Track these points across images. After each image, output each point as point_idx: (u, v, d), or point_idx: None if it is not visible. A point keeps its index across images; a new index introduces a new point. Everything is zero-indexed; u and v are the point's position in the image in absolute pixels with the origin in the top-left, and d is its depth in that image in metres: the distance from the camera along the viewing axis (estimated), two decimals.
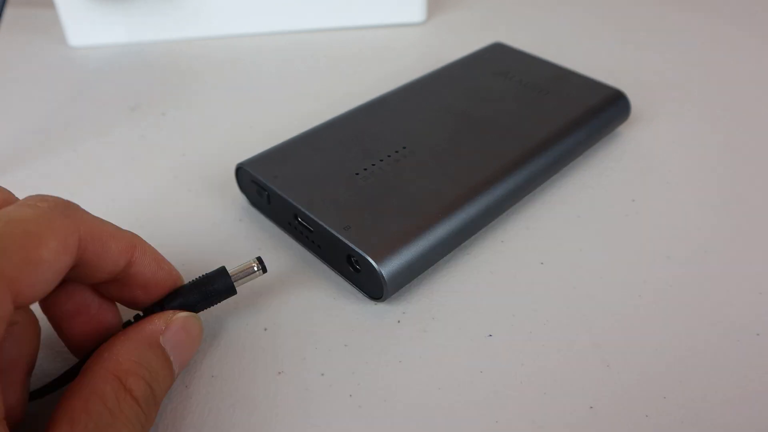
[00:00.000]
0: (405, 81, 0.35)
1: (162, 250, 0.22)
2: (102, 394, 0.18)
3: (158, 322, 0.21)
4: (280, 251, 0.28)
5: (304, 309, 0.25)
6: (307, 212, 0.25)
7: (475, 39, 0.38)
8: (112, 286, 0.21)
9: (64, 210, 0.18)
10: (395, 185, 0.27)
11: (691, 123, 0.37)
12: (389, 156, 0.28)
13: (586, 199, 0.31)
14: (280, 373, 0.22)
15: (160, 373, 0.20)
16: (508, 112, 0.32)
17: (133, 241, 0.20)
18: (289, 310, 0.25)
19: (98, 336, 0.21)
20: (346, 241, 0.24)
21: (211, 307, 0.23)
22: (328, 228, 0.25)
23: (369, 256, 0.23)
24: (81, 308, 0.21)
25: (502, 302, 0.25)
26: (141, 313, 0.22)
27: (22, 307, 0.17)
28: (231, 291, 0.23)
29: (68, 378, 0.20)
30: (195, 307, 0.22)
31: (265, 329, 0.24)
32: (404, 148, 0.29)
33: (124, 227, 0.21)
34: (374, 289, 0.24)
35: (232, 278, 0.23)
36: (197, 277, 0.23)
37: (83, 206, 0.20)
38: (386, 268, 0.23)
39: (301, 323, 0.24)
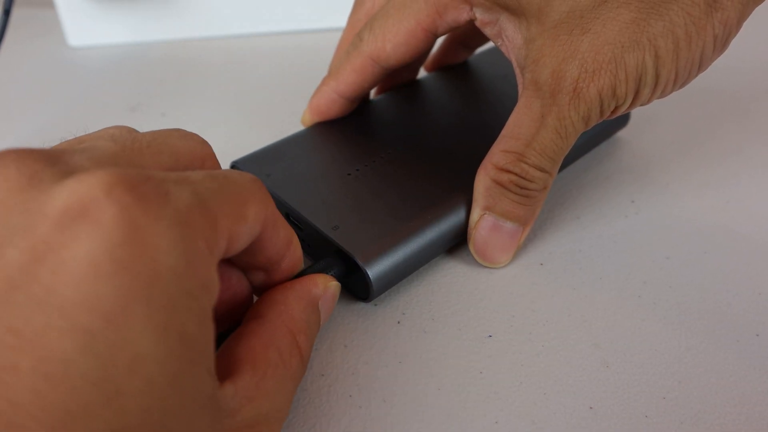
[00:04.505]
0: None
1: None
2: (279, 346, 0.19)
3: (320, 285, 0.21)
4: None
5: None
6: (297, 211, 0.25)
7: None
8: (254, 274, 0.21)
9: (262, 186, 0.19)
10: (387, 186, 0.27)
11: (691, 124, 0.37)
12: (382, 156, 0.28)
13: (585, 200, 0.31)
14: None
15: (315, 336, 0.21)
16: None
17: (291, 236, 0.21)
18: None
19: (230, 306, 0.21)
20: (334, 240, 0.24)
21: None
22: (317, 227, 0.25)
23: (355, 255, 0.23)
24: (223, 276, 0.20)
25: (501, 303, 0.25)
26: None
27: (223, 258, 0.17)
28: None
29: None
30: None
31: None
32: (398, 149, 0.29)
33: None
34: (361, 289, 0.24)
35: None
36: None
37: None
38: (372, 269, 0.23)
39: None
